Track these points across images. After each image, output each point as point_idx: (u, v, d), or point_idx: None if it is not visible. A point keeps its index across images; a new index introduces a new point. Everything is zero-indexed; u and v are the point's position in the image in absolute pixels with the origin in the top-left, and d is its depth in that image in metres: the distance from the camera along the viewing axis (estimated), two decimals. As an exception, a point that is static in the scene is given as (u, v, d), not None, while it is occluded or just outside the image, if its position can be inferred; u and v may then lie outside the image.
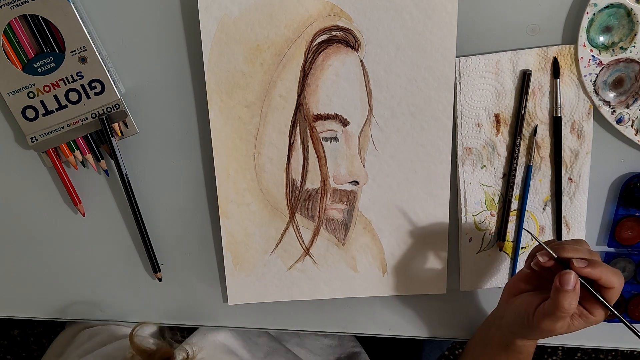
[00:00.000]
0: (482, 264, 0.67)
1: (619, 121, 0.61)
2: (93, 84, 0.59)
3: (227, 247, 0.65)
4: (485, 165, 0.63)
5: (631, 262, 0.68)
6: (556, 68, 0.59)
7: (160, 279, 0.69)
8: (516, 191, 0.64)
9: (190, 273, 0.69)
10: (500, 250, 0.67)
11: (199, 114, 0.62)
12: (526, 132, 0.62)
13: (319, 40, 0.58)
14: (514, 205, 0.65)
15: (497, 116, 0.61)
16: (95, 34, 0.59)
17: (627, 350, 1.37)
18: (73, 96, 0.60)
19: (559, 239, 0.66)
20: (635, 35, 0.57)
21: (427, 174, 0.63)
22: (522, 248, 0.66)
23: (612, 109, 0.60)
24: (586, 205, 0.64)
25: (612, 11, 0.57)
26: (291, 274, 0.67)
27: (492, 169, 0.63)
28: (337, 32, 0.58)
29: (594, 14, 0.57)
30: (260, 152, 0.62)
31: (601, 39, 0.58)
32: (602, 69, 0.59)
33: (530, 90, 0.60)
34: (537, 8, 0.58)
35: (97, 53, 0.58)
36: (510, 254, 0.67)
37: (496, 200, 0.64)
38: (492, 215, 0.65)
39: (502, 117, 0.61)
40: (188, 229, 0.67)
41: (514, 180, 0.63)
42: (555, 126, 0.61)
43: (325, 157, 0.62)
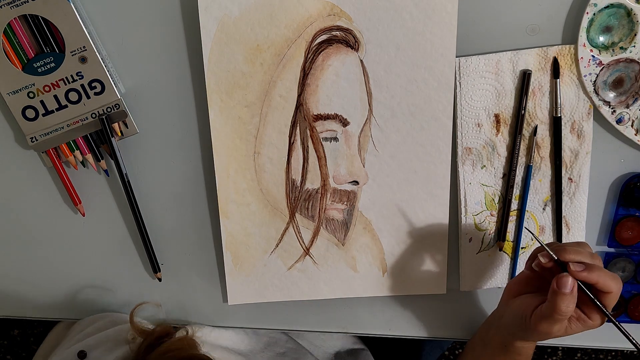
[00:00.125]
0: (482, 264, 0.67)
1: (619, 121, 0.61)
2: (93, 84, 0.59)
3: (227, 247, 0.65)
4: (485, 165, 0.63)
5: (631, 262, 0.68)
6: (556, 68, 0.59)
7: (160, 279, 0.69)
8: (516, 191, 0.64)
9: (190, 273, 0.69)
10: (500, 250, 0.67)
11: (199, 114, 0.62)
12: (526, 132, 0.62)
13: (319, 40, 0.58)
14: (514, 205, 0.65)
15: (497, 116, 0.61)
16: (95, 34, 0.59)
17: (627, 351, 1.37)
18: (73, 96, 0.59)
19: (559, 239, 0.66)
20: (635, 35, 0.57)
21: (427, 174, 0.63)
22: (522, 248, 0.66)
23: (612, 109, 0.60)
24: (586, 205, 0.64)
25: (612, 11, 0.57)
26: (291, 274, 0.67)
27: (492, 169, 0.63)
28: (337, 32, 0.58)
29: (594, 14, 0.57)
30: (260, 152, 0.62)
31: (601, 39, 0.58)
32: (602, 69, 0.59)
33: (530, 90, 0.60)
34: (537, 8, 0.58)
35: (97, 53, 0.58)
36: (510, 254, 0.67)
37: (496, 200, 0.64)
38: (492, 215, 0.65)
39: (502, 117, 0.61)
40: (188, 229, 0.67)
41: (514, 180, 0.63)
42: (555, 126, 0.61)
43: (325, 157, 0.62)
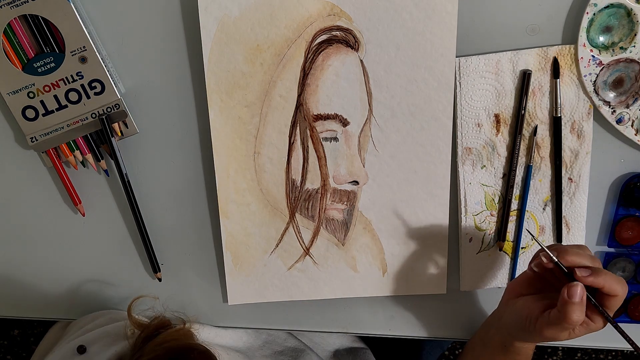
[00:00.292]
0: (482, 264, 0.67)
1: (619, 121, 0.61)
2: (93, 84, 0.59)
3: (227, 247, 0.65)
4: (485, 165, 0.63)
5: (631, 262, 0.68)
6: (556, 68, 0.59)
7: (160, 279, 0.69)
8: (516, 191, 0.64)
9: (190, 273, 0.69)
10: (500, 250, 0.67)
11: (199, 114, 0.62)
12: (526, 132, 0.62)
13: (319, 40, 0.58)
14: (514, 205, 0.65)
15: (497, 116, 0.61)
16: (95, 34, 0.59)
17: (627, 351, 1.37)
18: (73, 96, 0.59)
19: (559, 239, 0.66)
20: (635, 35, 0.57)
21: (427, 174, 0.63)
22: (522, 248, 0.66)
23: (612, 109, 0.60)
24: (586, 205, 0.64)
25: (612, 11, 0.57)
26: (291, 274, 0.67)
27: (492, 169, 0.63)
28: (337, 32, 0.58)
29: (594, 14, 0.57)
30: (260, 152, 0.62)
31: (601, 39, 0.58)
32: (602, 69, 0.59)
33: (530, 90, 0.60)
34: (537, 8, 0.58)
35: (97, 53, 0.58)
36: (510, 254, 0.67)
37: (496, 200, 0.64)
38: (492, 215, 0.65)
39: (502, 117, 0.61)
40: (188, 229, 0.67)
41: (514, 180, 0.63)
42: (555, 126, 0.61)
43: (325, 157, 0.62)
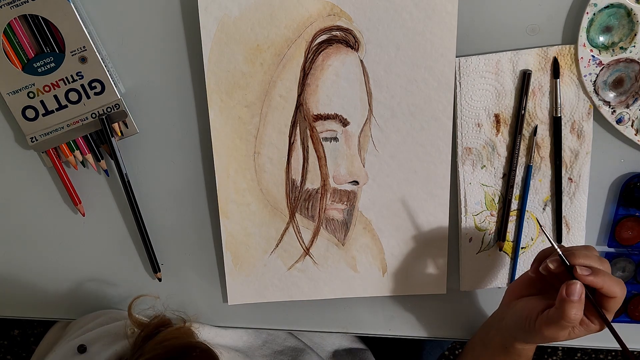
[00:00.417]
0: (482, 264, 0.67)
1: (619, 121, 0.61)
2: (93, 84, 0.59)
3: (227, 247, 0.65)
4: (485, 165, 0.63)
5: (631, 262, 0.68)
6: (556, 68, 0.59)
7: (160, 279, 0.69)
8: (516, 191, 0.64)
9: (190, 273, 0.69)
10: (500, 250, 0.67)
11: (199, 114, 0.62)
12: (526, 132, 0.62)
13: (319, 40, 0.58)
14: (514, 205, 0.65)
15: (497, 116, 0.61)
16: (95, 34, 0.59)
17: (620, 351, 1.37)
18: (73, 96, 0.59)
19: (559, 239, 0.66)
20: (635, 35, 0.57)
21: (427, 174, 0.63)
22: (522, 248, 0.66)
23: (612, 109, 0.60)
24: (586, 205, 0.64)
25: (612, 11, 0.57)
26: (291, 274, 0.67)
27: (492, 169, 0.63)
28: (337, 32, 0.58)
29: (594, 14, 0.57)
30: (260, 152, 0.62)
31: (601, 39, 0.58)
32: (602, 69, 0.59)
33: (530, 90, 0.60)
34: (537, 8, 0.58)
35: (97, 53, 0.58)
36: (510, 254, 0.67)
37: (496, 200, 0.64)
38: (492, 215, 0.65)
39: (502, 117, 0.61)
40: (188, 229, 0.67)
41: (514, 180, 0.63)
42: (555, 126, 0.61)
43: (325, 157, 0.62)
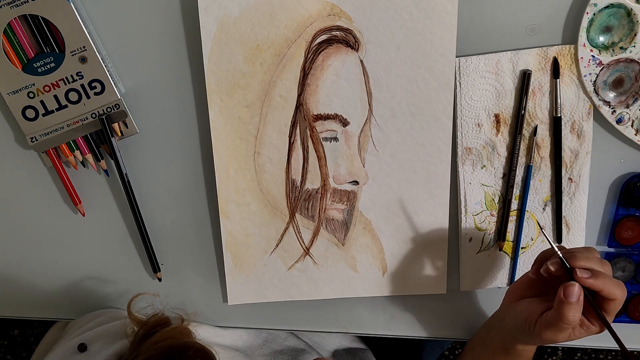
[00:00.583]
0: (482, 264, 0.67)
1: (619, 121, 0.61)
2: (93, 84, 0.59)
3: (227, 247, 0.65)
4: (485, 165, 0.63)
5: (631, 262, 0.68)
6: (556, 68, 0.59)
7: (160, 279, 0.69)
8: (516, 191, 0.64)
9: (190, 273, 0.69)
10: (500, 250, 0.67)
11: (199, 114, 0.62)
12: (526, 132, 0.62)
13: (319, 40, 0.58)
14: (514, 205, 0.65)
15: (497, 116, 0.61)
16: (95, 34, 0.59)
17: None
18: (73, 96, 0.59)
19: (559, 239, 0.65)
20: (635, 35, 0.57)
21: (427, 174, 0.63)
22: (522, 248, 0.66)
23: (612, 109, 0.60)
24: (586, 205, 0.64)
25: (612, 11, 0.57)
26: (291, 274, 0.67)
27: (492, 169, 0.63)
28: (337, 32, 0.58)
29: (594, 14, 0.57)
30: (260, 152, 0.62)
31: (601, 39, 0.58)
32: (602, 69, 0.59)
33: (530, 90, 0.60)
34: (537, 8, 0.58)
35: (97, 53, 0.58)
36: (510, 254, 0.67)
37: (496, 200, 0.64)
38: (492, 215, 0.65)
39: (502, 117, 0.61)
40: (188, 229, 0.67)
41: (514, 180, 0.63)
42: (555, 126, 0.61)
43: (325, 157, 0.62)
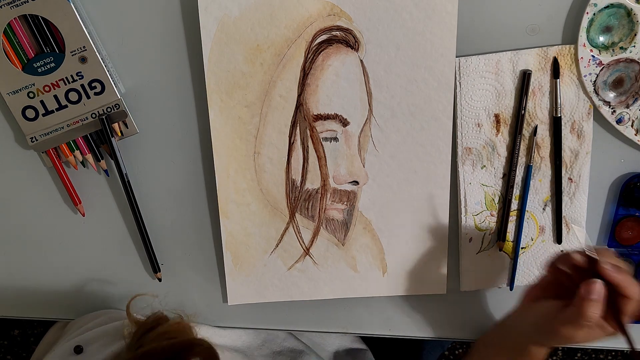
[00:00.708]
0: (482, 264, 0.67)
1: (619, 121, 0.61)
2: (93, 84, 0.59)
3: (227, 247, 0.65)
4: (485, 165, 0.63)
5: (631, 262, 0.68)
6: (556, 68, 0.59)
7: (160, 279, 0.69)
8: (516, 191, 0.64)
9: (190, 273, 0.69)
10: (500, 250, 0.66)
11: (199, 114, 0.62)
12: (526, 132, 0.62)
13: (319, 40, 0.58)
14: (514, 205, 0.65)
15: (497, 116, 0.61)
16: (95, 34, 0.59)
17: (627, 350, 1.37)
18: (73, 96, 0.59)
19: (559, 240, 0.65)
20: (635, 35, 0.57)
21: (427, 174, 0.63)
22: (522, 248, 0.66)
23: (612, 109, 0.60)
24: (586, 205, 0.64)
25: (612, 11, 0.57)
26: (291, 274, 0.67)
27: (492, 169, 0.63)
28: (337, 32, 0.58)
29: (594, 14, 0.57)
30: (260, 152, 0.62)
31: (601, 39, 0.58)
32: (602, 69, 0.59)
33: (530, 90, 0.60)
34: (537, 8, 0.58)
35: (97, 53, 0.58)
36: (510, 254, 0.67)
37: (496, 200, 0.64)
38: (492, 215, 0.65)
39: (502, 117, 0.61)
40: (188, 229, 0.67)
41: (514, 180, 0.63)
42: (555, 126, 0.61)
43: (325, 157, 0.62)
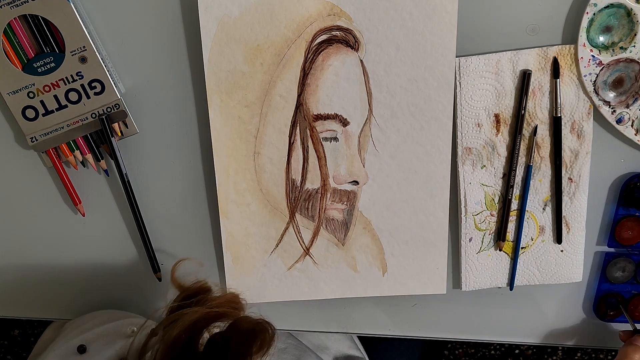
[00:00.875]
0: (482, 264, 0.67)
1: (619, 121, 0.61)
2: (93, 84, 0.59)
3: (227, 247, 0.65)
4: (485, 165, 0.63)
5: (631, 262, 0.68)
6: (556, 68, 0.59)
7: (160, 279, 0.69)
8: (516, 191, 0.64)
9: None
10: (500, 250, 0.66)
11: (199, 114, 0.62)
12: (526, 132, 0.62)
13: (319, 40, 0.58)
14: (514, 205, 0.65)
15: (497, 116, 0.61)
16: (95, 34, 0.59)
17: None
18: (73, 96, 0.59)
19: (559, 240, 0.65)
20: (635, 35, 0.57)
21: (427, 174, 0.63)
22: (522, 248, 0.66)
23: (612, 109, 0.60)
24: (586, 205, 0.64)
25: (612, 11, 0.57)
26: (291, 274, 0.67)
27: (492, 169, 0.63)
28: (337, 32, 0.58)
29: (594, 14, 0.57)
30: (260, 152, 0.62)
31: (601, 39, 0.58)
32: (602, 69, 0.59)
33: (530, 90, 0.60)
34: (537, 8, 0.58)
35: (97, 53, 0.58)
36: (510, 254, 0.67)
37: (496, 200, 0.64)
38: (492, 215, 0.65)
39: (502, 117, 0.61)
40: (188, 229, 0.67)
41: (514, 180, 0.63)
42: (555, 126, 0.61)
43: (325, 157, 0.62)
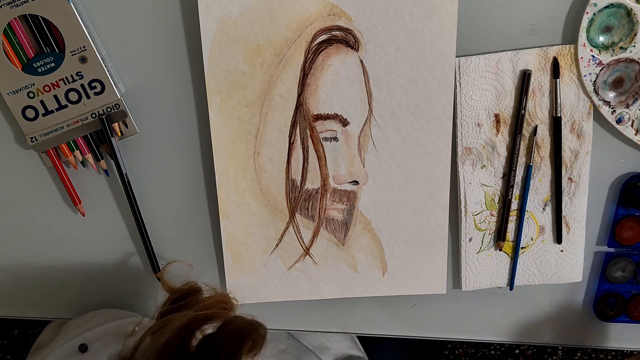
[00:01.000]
0: (482, 264, 0.67)
1: (619, 121, 0.61)
2: (93, 84, 0.59)
3: (227, 247, 0.65)
4: (485, 165, 0.63)
5: (631, 262, 0.68)
6: (556, 68, 0.59)
7: (160, 279, 0.69)
8: (516, 191, 0.64)
9: (190, 273, 0.69)
10: (500, 250, 0.66)
11: (199, 114, 0.62)
12: (526, 132, 0.62)
13: (319, 40, 0.58)
14: (514, 205, 0.65)
15: (497, 116, 0.61)
16: (95, 34, 0.59)
17: (627, 350, 1.37)
18: (73, 96, 0.59)
19: (559, 240, 0.65)
20: (635, 35, 0.57)
21: (427, 174, 0.63)
22: (522, 248, 0.66)
23: (612, 108, 0.60)
24: (586, 205, 0.64)
25: (612, 11, 0.57)
26: (291, 274, 0.67)
27: (492, 169, 0.63)
28: (337, 32, 0.58)
29: (594, 14, 0.57)
30: (260, 152, 0.62)
31: (601, 39, 0.58)
32: (602, 69, 0.59)
33: (530, 90, 0.60)
34: (537, 8, 0.58)
35: (97, 53, 0.58)
36: (510, 254, 0.67)
37: (496, 200, 0.64)
38: (492, 215, 0.65)
39: (502, 117, 0.61)
40: (188, 229, 0.67)
41: (514, 180, 0.63)
42: (555, 126, 0.61)
43: (325, 157, 0.62)
